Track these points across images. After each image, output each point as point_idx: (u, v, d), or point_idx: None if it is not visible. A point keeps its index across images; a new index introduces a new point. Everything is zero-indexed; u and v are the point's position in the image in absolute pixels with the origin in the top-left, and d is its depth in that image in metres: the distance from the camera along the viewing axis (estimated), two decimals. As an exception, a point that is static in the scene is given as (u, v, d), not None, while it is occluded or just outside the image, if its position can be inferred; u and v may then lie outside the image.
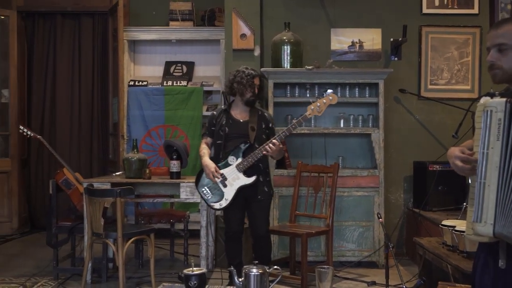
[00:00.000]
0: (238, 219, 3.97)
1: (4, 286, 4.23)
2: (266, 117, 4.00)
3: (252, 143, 3.86)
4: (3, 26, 6.42)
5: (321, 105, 3.85)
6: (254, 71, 3.98)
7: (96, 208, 3.94)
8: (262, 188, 3.92)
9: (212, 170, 3.84)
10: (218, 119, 3.99)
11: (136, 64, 6.54)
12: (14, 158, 6.38)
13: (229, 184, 3.87)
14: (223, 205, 3.90)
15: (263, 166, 3.94)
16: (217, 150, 3.98)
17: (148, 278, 4.40)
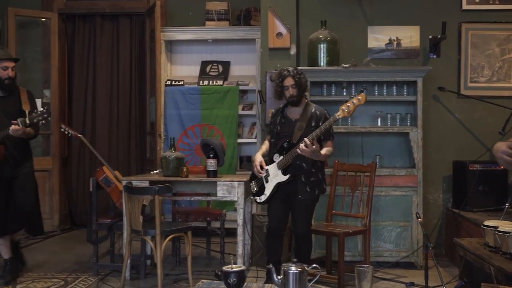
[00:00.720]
0: (279, 216, 4.01)
1: (46, 281, 4.35)
2: (317, 115, 3.99)
3: (295, 142, 3.87)
4: (45, 28, 6.58)
5: (350, 106, 3.83)
6: (286, 71, 3.95)
7: (135, 206, 4.00)
8: (304, 188, 3.92)
9: (256, 164, 4.00)
10: (275, 117, 4.10)
11: (172, 64, 6.61)
12: (55, 156, 6.53)
13: (270, 180, 3.98)
14: (263, 200, 4.04)
15: (307, 166, 3.92)
16: (271, 147, 4.08)
17: (185, 275, 4.46)
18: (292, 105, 4.00)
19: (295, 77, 3.94)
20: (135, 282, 4.38)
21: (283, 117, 4.05)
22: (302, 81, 3.96)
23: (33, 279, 4.39)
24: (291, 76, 3.93)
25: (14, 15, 6.24)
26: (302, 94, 4.01)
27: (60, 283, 4.28)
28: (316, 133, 3.81)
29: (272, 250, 4.02)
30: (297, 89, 3.95)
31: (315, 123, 3.95)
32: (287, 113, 4.06)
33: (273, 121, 4.12)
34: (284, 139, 3.96)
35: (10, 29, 6.20)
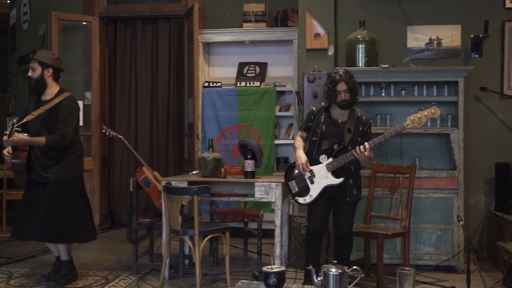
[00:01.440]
0: (321, 218, 3.97)
1: (88, 278, 4.44)
2: (363, 121, 3.96)
3: (346, 145, 3.85)
4: (86, 32, 6.74)
5: (421, 117, 3.79)
6: (338, 76, 3.87)
7: (174, 206, 4.05)
8: (352, 191, 3.91)
9: (303, 162, 3.90)
10: (317, 116, 4.02)
11: (210, 65, 6.67)
12: (96, 157, 6.67)
13: (316, 181, 3.91)
14: (307, 201, 3.96)
15: (355, 169, 3.91)
16: (311, 147, 4.01)
17: (222, 275, 4.49)
18: (342, 108, 3.94)
19: (348, 83, 3.86)
20: (174, 282, 4.43)
21: (328, 117, 3.99)
22: (355, 85, 3.90)
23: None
24: (344, 82, 3.85)
25: (57, 19, 6.41)
26: (354, 98, 3.95)
27: (101, 281, 4.36)
28: (380, 140, 3.79)
29: (312, 252, 3.98)
30: (350, 93, 3.88)
31: (362, 127, 3.93)
32: (332, 113, 4.00)
33: (315, 119, 4.02)
34: (330, 139, 3.91)
35: (53, 33, 6.37)
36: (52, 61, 4.26)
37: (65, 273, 4.28)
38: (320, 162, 3.91)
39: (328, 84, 3.92)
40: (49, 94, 4.26)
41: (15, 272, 4.61)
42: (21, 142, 4.06)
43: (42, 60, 4.21)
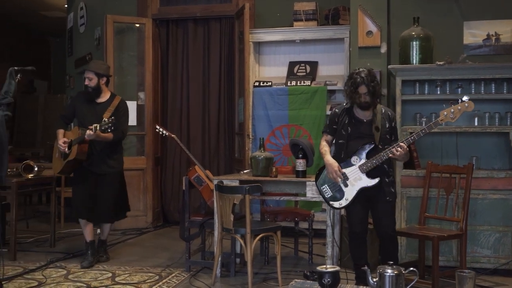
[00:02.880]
0: (361, 220, 3.91)
1: (142, 275, 4.54)
2: (389, 116, 3.88)
3: (377, 144, 3.78)
4: (140, 33, 6.89)
5: (455, 112, 3.66)
6: (360, 78, 3.75)
7: (226, 204, 4.09)
8: (389, 189, 3.83)
9: (335, 169, 3.82)
10: (340, 117, 3.94)
11: (260, 65, 6.68)
12: (149, 156, 6.81)
13: (351, 184, 3.83)
14: (343, 205, 3.89)
15: (387, 167, 3.84)
16: (338, 150, 3.93)
17: (273, 274, 4.49)
18: (363, 109, 3.86)
19: (369, 86, 3.75)
20: (226, 280, 4.46)
21: (352, 117, 3.89)
22: (375, 89, 3.79)
23: (130, 272, 4.60)
24: (365, 85, 3.75)
25: (112, 22, 6.58)
26: (375, 100, 3.85)
27: (154, 278, 4.45)
28: (413, 137, 3.70)
29: (357, 255, 3.93)
30: (370, 96, 3.79)
31: (389, 123, 3.84)
32: (356, 113, 3.91)
33: (338, 121, 3.93)
34: (358, 140, 3.82)
35: (108, 36, 6.55)
36: (104, 70, 4.95)
37: (104, 250, 5.07)
38: (352, 164, 3.83)
39: (349, 85, 3.82)
40: (103, 97, 4.96)
41: (73, 267, 4.76)
42: (99, 137, 4.67)
43: (97, 71, 4.90)
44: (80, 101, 5.00)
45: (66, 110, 5.19)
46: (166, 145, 7.09)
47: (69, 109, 5.08)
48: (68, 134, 4.89)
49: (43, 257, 5.08)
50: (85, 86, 4.92)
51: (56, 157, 4.99)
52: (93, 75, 4.87)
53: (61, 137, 4.85)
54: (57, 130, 4.94)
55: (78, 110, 4.97)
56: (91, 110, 4.90)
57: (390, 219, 3.88)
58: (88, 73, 4.89)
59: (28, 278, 4.39)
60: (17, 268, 4.67)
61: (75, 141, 4.72)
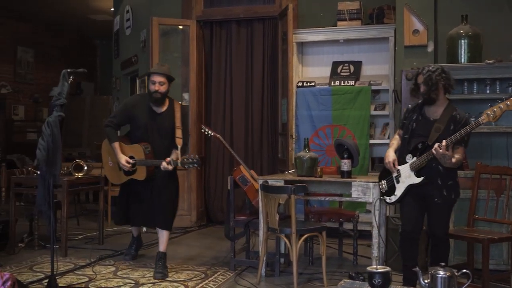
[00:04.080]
0: (413, 219, 3.86)
1: (188, 273, 4.61)
2: (457, 119, 3.76)
3: (430, 144, 3.72)
4: (184, 35, 6.99)
5: (496, 111, 3.53)
6: (421, 69, 3.83)
7: (272, 204, 4.10)
8: (440, 192, 3.76)
9: (389, 161, 3.87)
10: (411, 113, 3.95)
11: (304, 65, 6.68)
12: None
13: (401, 181, 3.85)
14: (392, 200, 3.92)
15: (443, 169, 3.75)
16: (403, 145, 3.95)
17: (318, 275, 4.48)
18: (426, 103, 3.83)
19: (425, 74, 3.76)
20: (270, 279, 4.48)
21: (420, 114, 3.88)
22: (432, 78, 3.74)
23: (176, 270, 4.67)
24: (422, 74, 3.79)
25: (157, 24, 6.70)
26: (431, 93, 3.77)
27: (200, 276, 4.51)
28: (456, 137, 3.60)
29: (408, 254, 3.88)
30: (426, 87, 3.76)
31: (454, 126, 3.74)
32: (425, 111, 3.89)
33: (408, 116, 3.95)
34: (418, 138, 3.81)
35: (154, 38, 6.67)
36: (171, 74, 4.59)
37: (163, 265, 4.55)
38: (406, 161, 3.83)
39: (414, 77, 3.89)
40: (165, 104, 4.62)
41: (121, 264, 4.87)
42: None
43: (170, 75, 4.53)
44: (139, 108, 4.57)
45: (118, 118, 4.64)
46: (210, 145, 7.17)
47: (124, 117, 4.63)
48: (127, 149, 4.55)
49: (92, 254, 5.23)
50: (152, 92, 4.47)
51: (111, 166, 4.72)
52: (165, 79, 4.46)
53: (122, 155, 4.48)
54: (112, 143, 4.53)
55: (138, 122, 4.54)
56: (153, 123, 4.51)
57: (439, 221, 3.81)
58: (159, 77, 4.45)
59: (79, 274, 4.52)
60: (68, 264, 4.82)
61: (142, 163, 4.43)
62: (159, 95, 4.47)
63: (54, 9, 10.63)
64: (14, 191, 5.29)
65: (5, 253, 5.21)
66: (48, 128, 3.68)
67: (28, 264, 4.86)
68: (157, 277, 4.40)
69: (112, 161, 4.69)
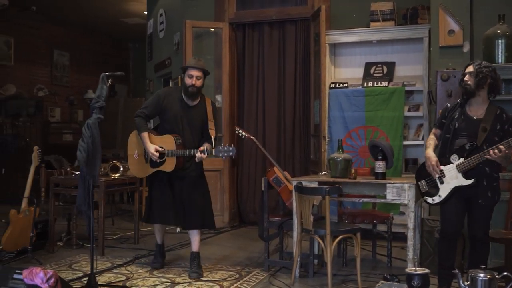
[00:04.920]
0: (454, 220, 3.81)
1: (223, 273, 4.66)
2: (503, 118, 3.71)
3: (479, 145, 3.68)
4: (217, 37, 7.06)
5: None
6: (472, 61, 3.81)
7: (306, 205, 4.12)
8: (485, 193, 3.71)
9: (433, 163, 3.80)
10: (451, 112, 3.88)
11: (336, 66, 6.67)
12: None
13: (446, 182, 3.78)
14: (436, 201, 3.84)
15: (490, 170, 3.70)
16: (444, 144, 3.87)
17: (352, 276, 4.48)
18: (466, 95, 3.76)
19: (476, 66, 3.71)
20: (304, 280, 4.49)
21: (462, 113, 3.81)
22: (483, 71, 3.68)
23: (211, 270, 4.73)
24: (472, 65, 3.75)
25: (191, 27, 6.79)
26: (479, 85, 3.71)
27: (235, 276, 4.55)
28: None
29: (446, 255, 3.84)
30: (474, 78, 3.69)
31: (501, 125, 3.69)
32: (468, 110, 3.83)
33: (449, 116, 3.87)
34: (463, 138, 3.74)
35: (187, 40, 6.76)
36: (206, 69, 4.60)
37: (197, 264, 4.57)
38: (451, 162, 3.76)
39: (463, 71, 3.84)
40: (197, 99, 4.61)
41: (154, 270, 4.94)
42: None
43: (206, 69, 4.53)
44: (172, 101, 4.55)
45: (149, 109, 4.59)
46: (242, 146, 7.22)
47: (155, 108, 4.59)
48: (156, 140, 4.51)
49: (128, 253, 5.33)
50: (188, 86, 4.45)
51: (136, 159, 4.64)
52: (202, 73, 4.47)
53: (150, 144, 4.45)
54: (142, 133, 4.49)
55: (171, 111, 4.53)
56: (187, 113, 4.53)
57: (481, 222, 3.76)
58: (195, 71, 4.43)
59: (116, 273, 4.62)
60: (106, 263, 4.93)
61: (172, 154, 4.40)
62: (195, 89, 4.47)
63: (89, 13, 10.86)
64: (53, 191, 5.43)
65: (45, 252, 5.36)
66: (88, 130, 3.78)
67: (67, 262, 4.99)
68: (192, 277, 4.45)
69: (139, 153, 4.62)
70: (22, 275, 3.20)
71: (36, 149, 5.26)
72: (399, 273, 4.50)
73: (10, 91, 9.74)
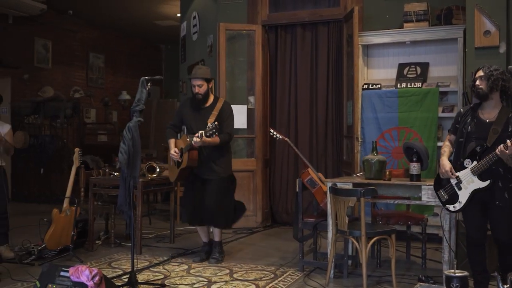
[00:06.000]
0: (477, 226, 3.82)
1: (258, 273, 4.73)
2: None
3: (490, 146, 3.66)
4: (250, 39, 7.14)
5: None
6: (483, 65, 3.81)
7: (341, 207, 4.16)
8: (501, 194, 3.69)
9: (446, 170, 3.81)
10: (464, 116, 3.90)
11: (369, 67, 6.67)
12: (258, 158, 7.03)
13: (464, 187, 3.78)
14: (457, 208, 3.84)
15: (504, 171, 3.68)
16: (458, 149, 3.89)
17: (386, 277, 4.50)
18: (478, 98, 3.76)
19: (486, 70, 3.72)
20: (339, 281, 4.53)
21: (475, 117, 3.81)
22: (493, 74, 3.69)
23: (246, 270, 4.81)
24: (482, 69, 3.75)
25: (224, 29, 6.88)
26: (492, 89, 3.71)
27: (270, 276, 4.62)
28: None
29: (475, 260, 3.82)
30: (486, 81, 3.69)
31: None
32: (479, 113, 3.82)
33: (462, 120, 3.88)
34: (475, 141, 3.74)
35: (221, 43, 6.86)
36: (210, 74, 5.05)
37: (218, 252, 5.10)
38: (465, 167, 3.75)
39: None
40: (208, 102, 5.05)
41: (193, 263, 5.06)
42: (206, 142, 4.77)
43: (206, 77, 4.98)
44: (186, 108, 5.13)
45: (174, 119, 5.26)
46: (275, 147, 7.28)
47: (177, 118, 5.21)
48: (179, 142, 5.04)
49: (165, 252, 5.46)
50: (195, 94, 4.98)
51: (171, 166, 5.17)
52: (202, 81, 4.94)
53: (173, 146, 5.02)
54: (168, 140, 5.11)
55: (186, 117, 5.10)
56: (197, 116, 5.01)
57: (502, 225, 3.73)
58: (197, 81, 4.95)
59: (154, 271, 4.74)
60: (144, 262, 5.06)
61: (185, 149, 4.85)
62: (200, 96, 4.97)
63: (123, 16, 11.08)
64: (93, 191, 5.60)
65: (84, 250, 5.52)
66: (129, 132, 3.91)
67: (107, 260, 5.14)
68: (211, 262, 4.96)
69: (172, 161, 5.13)
70: (69, 273, 3.33)
71: (77, 150, 5.44)
72: (434, 275, 4.50)
73: (48, 93, 10.03)
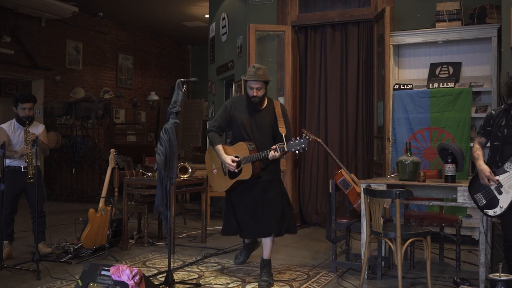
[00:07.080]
0: None
1: (291, 273, 4.75)
2: None
3: None
4: (279, 40, 7.16)
5: None
6: None
7: (376, 208, 4.15)
8: None
9: (487, 174, 3.75)
10: (497, 119, 3.84)
11: (400, 67, 6.63)
12: (288, 159, 7.04)
13: (505, 191, 3.73)
14: (497, 213, 3.79)
15: None
16: (493, 153, 3.84)
17: (421, 279, 4.48)
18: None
19: None
20: (372, 282, 4.53)
21: (509, 119, 3.77)
22: None
23: (279, 270, 4.83)
24: None
25: (254, 30, 6.92)
26: None
27: (303, 276, 4.64)
28: None
29: None
30: None
31: None
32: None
33: (495, 123, 3.84)
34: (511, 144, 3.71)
35: (251, 44, 6.89)
36: (267, 76, 4.54)
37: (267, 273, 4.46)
38: (506, 171, 3.71)
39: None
40: (263, 103, 4.57)
41: (226, 263, 5.10)
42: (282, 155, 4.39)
43: (266, 79, 4.50)
44: (238, 111, 4.58)
45: (219, 121, 4.65)
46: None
47: (224, 119, 4.63)
48: (230, 150, 4.52)
49: (197, 252, 5.51)
50: (251, 97, 4.49)
51: (215, 174, 4.66)
52: (262, 84, 4.48)
53: (225, 155, 4.47)
54: (216, 145, 4.54)
55: (238, 120, 4.56)
56: (251, 119, 4.53)
57: None
58: (255, 83, 4.45)
59: (188, 271, 4.80)
60: (177, 261, 5.12)
61: (247, 160, 4.38)
62: (257, 99, 4.49)
63: (152, 18, 11.21)
64: (126, 191, 5.69)
65: (119, 249, 5.61)
66: (165, 134, 3.96)
67: (141, 260, 5.22)
68: (261, 286, 4.31)
69: (217, 167, 4.63)
70: (110, 272, 3.40)
71: (112, 151, 5.54)
72: (469, 277, 4.47)
73: (79, 94, 10.21)
